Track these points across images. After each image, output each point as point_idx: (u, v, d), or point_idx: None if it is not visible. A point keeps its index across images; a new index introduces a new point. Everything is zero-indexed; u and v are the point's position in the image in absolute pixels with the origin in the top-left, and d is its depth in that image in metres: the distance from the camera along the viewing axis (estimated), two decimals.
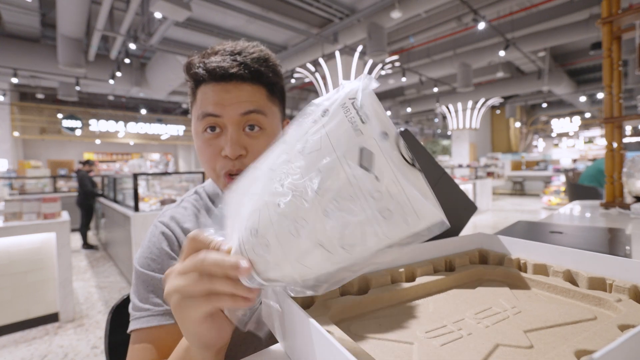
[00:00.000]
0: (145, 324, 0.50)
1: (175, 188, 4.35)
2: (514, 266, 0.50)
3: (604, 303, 0.38)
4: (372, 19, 5.37)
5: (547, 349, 0.30)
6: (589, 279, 0.41)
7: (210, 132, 0.52)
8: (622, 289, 0.39)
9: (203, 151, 0.54)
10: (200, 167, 14.19)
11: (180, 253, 0.36)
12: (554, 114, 15.33)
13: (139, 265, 0.54)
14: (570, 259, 0.46)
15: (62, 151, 12.27)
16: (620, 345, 0.20)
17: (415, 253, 0.50)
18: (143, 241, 0.57)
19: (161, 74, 7.79)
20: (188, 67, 0.54)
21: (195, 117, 0.53)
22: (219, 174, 0.54)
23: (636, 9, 1.23)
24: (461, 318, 0.36)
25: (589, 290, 0.40)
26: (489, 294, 0.43)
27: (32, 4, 5.60)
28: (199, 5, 5.12)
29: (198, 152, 0.55)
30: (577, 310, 0.37)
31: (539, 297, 0.42)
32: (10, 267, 2.29)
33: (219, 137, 0.53)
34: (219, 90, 0.51)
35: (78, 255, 4.47)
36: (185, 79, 0.56)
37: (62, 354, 2.06)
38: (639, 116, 1.35)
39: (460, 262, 0.51)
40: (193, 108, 0.55)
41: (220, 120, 0.52)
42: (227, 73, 0.51)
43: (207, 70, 0.51)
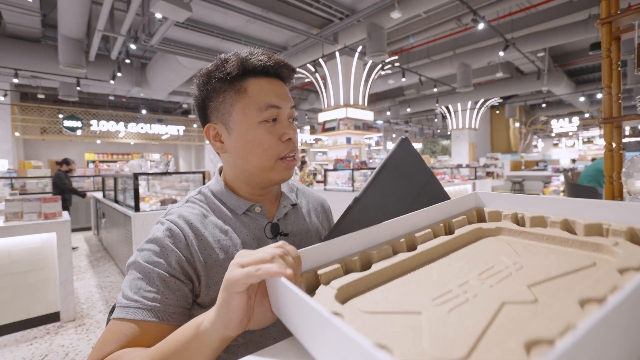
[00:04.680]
0: (130, 315, 0.50)
1: (176, 188, 4.35)
2: (512, 221, 0.50)
3: (602, 248, 0.39)
4: (372, 20, 5.38)
5: (552, 301, 0.31)
6: (586, 226, 0.42)
7: (271, 122, 0.58)
8: (619, 232, 0.39)
9: (262, 139, 0.57)
10: (199, 167, 14.20)
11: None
12: (553, 114, 15.34)
13: (141, 258, 0.54)
14: (567, 207, 0.46)
15: (63, 151, 12.26)
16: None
17: (413, 220, 0.50)
18: (147, 237, 0.57)
19: (161, 74, 7.79)
20: (241, 60, 0.56)
21: (253, 109, 0.56)
22: (277, 157, 0.58)
23: (635, 9, 1.24)
24: (465, 281, 0.37)
25: (586, 237, 0.41)
26: (490, 253, 0.43)
27: (33, 5, 5.61)
28: (199, 6, 5.13)
29: (252, 141, 0.57)
30: (577, 259, 0.38)
31: (538, 249, 0.42)
32: (11, 267, 2.30)
33: (276, 126, 0.58)
34: (275, 85, 0.58)
35: (79, 255, 4.47)
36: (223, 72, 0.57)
37: (63, 354, 2.06)
38: (638, 116, 1.35)
39: (459, 223, 0.51)
40: (237, 100, 0.57)
41: (279, 112, 0.58)
42: (280, 70, 0.59)
43: (267, 66, 0.57)
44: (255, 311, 0.40)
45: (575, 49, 9.51)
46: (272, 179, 0.60)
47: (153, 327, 0.50)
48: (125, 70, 7.91)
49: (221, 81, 0.57)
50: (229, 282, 0.38)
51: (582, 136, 18.02)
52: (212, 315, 0.40)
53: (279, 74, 0.60)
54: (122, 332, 0.49)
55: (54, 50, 6.83)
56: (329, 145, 7.64)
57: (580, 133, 17.41)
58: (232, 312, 0.38)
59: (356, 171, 5.29)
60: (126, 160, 11.77)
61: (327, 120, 7.48)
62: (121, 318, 0.50)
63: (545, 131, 16.80)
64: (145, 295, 0.51)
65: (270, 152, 0.57)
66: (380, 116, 14.04)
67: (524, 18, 6.70)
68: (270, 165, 0.58)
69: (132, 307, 0.51)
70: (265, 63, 0.57)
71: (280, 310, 0.37)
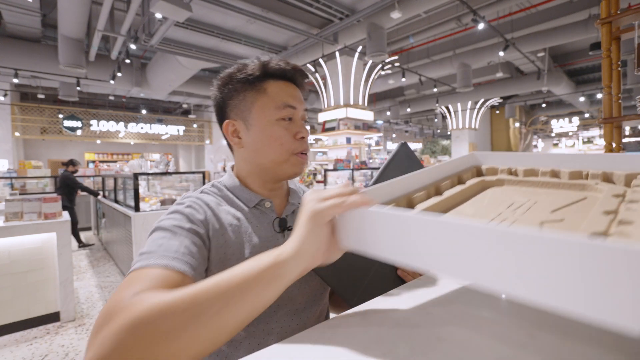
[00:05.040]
0: (155, 261, 0.45)
1: (176, 188, 4.35)
2: (508, 174, 0.58)
3: (587, 187, 0.48)
4: (372, 20, 5.38)
5: (577, 218, 0.38)
6: (570, 173, 0.51)
7: (287, 120, 0.63)
8: (596, 175, 0.49)
9: (279, 134, 0.62)
10: (199, 167, 14.21)
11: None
12: (553, 114, 15.34)
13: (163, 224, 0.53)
14: (552, 161, 0.55)
15: (63, 151, 12.26)
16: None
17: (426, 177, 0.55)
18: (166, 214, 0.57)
19: (161, 74, 7.79)
20: (262, 63, 0.63)
21: (271, 107, 0.62)
22: (292, 153, 0.64)
23: (635, 9, 1.24)
24: (499, 212, 0.42)
25: (573, 180, 0.50)
26: (503, 196, 0.50)
27: (33, 5, 5.61)
28: (200, 6, 5.13)
29: (270, 136, 0.62)
30: (573, 195, 0.47)
31: (538, 192, 0.50)
32: (11, 267, 2.30)
33: (291, 124, 0.64)
34: (291, 88, 0.65)
35: (78, 255, 4.47)
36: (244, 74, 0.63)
37: (63, 354, 2.06)
38: (638, 116, 1.36)
39: (467, 177, 0.59)
40: (257, 99, 0.63)
41: (294, 112, 0.64)
42: (296, 75, 0.66)
43: (285, 70, 0.64)
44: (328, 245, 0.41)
45: (575, 49, 9.51)
46: (286, 172, 0.65)
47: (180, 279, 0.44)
48: (125, 70, 7.90)
49: (242, 82, 0.63)
50: (315, 213, 0.39)
51: (582, 136, 18.02)
52: (295, 245, 0.39)
53: (294, 79, 0.66)
54: (148, 275, 0.42)
55: (54, 50, 6.83)
56: (329, 145, 7.64)
57: (580, 133, 17.42)
58: (320, 242, 0.39)
59: (356, 171, 5.29)
60: (126, 160, 11.78)
61: (327, 120, 7.49)
62: (143, 266, 0.44)
63: (545, 131, 16.80)
64: (170, 246, 0.48)
65: (285, 147, 0.63)
66: (380, 116, 14.04)
67: (524, 18, 6.70)
68: (284, 159, 0.63)
69: (157, 254, 0.46)
70: (284, 67, 0.64)
71: (363, 240, 0.37)
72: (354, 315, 0.40)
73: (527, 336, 0.33)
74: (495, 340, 0.32)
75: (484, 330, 0.35)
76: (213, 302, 0.34)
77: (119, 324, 0.32)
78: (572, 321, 0.36)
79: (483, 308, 0.40)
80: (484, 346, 0.31)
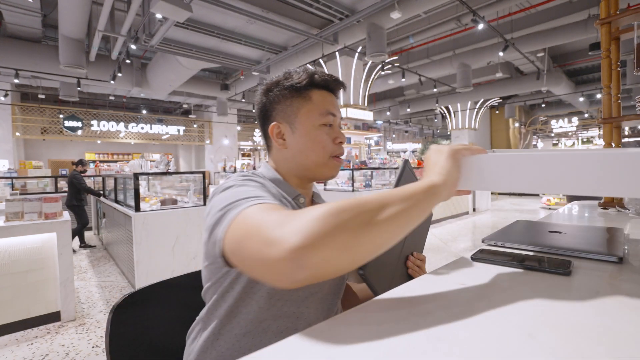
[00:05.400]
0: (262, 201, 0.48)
1: (176, 188, 4.36)
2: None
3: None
4: (371, 20, 5.38)
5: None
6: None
7: (328, 126, 0.69)
8: None
9: (320, 138, 0.68)
10: (200, 167, 14.21)
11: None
12: (553, 114, 15.34)
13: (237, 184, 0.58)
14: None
15: (63, 151, 12.26)
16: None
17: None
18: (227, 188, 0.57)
19: (162, 74, 7.80)
20: (309, 74, 0.69)
21: (316, 113, 0.68)
22: (330, 155, 0.69)
23: (634, 9, 1.24)
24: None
25: None
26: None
27: (34, 5, 5.61)
28: (200, 6, 5.13)
29: (314, 140, 0.68)
30: None
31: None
32: (11, 267, 2.30)
33: (331, 130, 0.70)
34: (332, 97, 0.71)
35: (79, 255, 4.47)
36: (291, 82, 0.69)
37: (64, 353, 2.06)
38: (637, 116, 1.36)
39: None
40: (303, 105, 0.69)
41: (334, 119, 0.70)
42: (337, 87, 0.73)
43: (328, 81, 0.70)
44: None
45: (575, 49, 9.52)
46: (324, 173, 0.71)
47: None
48: (125, 70, 7.91)
49: (289, 89, 0.69)
50: (455, 152, 0.52)
51: (581, 136, 18.03)
52: (443, 175, 0.49)
53: (335, 90, 0.73)
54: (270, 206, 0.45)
55: (55, 51, 6.83)
56: None
57: (579, 133, 17.42)
58: (458, 175, 0.51)
59: (356, 171, 5.29)
60: (126, 160, 11.77)
61: None
62: (249, 205, 0.46)
63: (545, 131, 16.81)
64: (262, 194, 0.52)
65: (326, 150, 0.69)
66: (380, 116, 14.04)
67: (524, 18, 6.70)
68: (324, 162, 0.69)
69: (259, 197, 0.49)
70: (328, 79, 0.70)
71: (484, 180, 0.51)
72: (354, 314, 0.40)
73: (527, 336, 0.33)
74: (495, 340, 0.33)
75: (483, 330, 0.35)
76: (398, 204, 0.41)
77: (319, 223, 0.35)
78: (572, 321, 0.36)
79: (483, 308, 0.40)
80: (483, 346, 0.31)
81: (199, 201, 3.45)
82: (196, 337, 0.64)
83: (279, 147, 0.70)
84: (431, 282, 0.51)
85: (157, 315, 0.75)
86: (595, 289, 0.45)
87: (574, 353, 0.29)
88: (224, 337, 0.60)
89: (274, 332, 0.60)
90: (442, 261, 3.85)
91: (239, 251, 0.43)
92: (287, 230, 0.36)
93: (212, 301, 0.61)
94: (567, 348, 0.30)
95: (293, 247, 0.34)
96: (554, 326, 0.35)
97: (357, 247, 0.37)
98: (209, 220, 0.53)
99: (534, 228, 0.88)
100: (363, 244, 0.37)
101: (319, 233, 0.34)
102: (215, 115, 11.80)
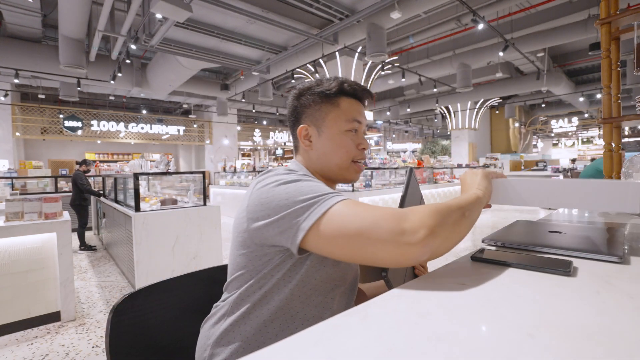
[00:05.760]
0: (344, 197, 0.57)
1: (176, 188, 4.36)
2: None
3: None
4: (371, 20, 5.38)
5: None
6: None
7: (353, 132, 0.74)
8: None
9: (345, 143, 0.73)
10: (199, 167, 14.21)
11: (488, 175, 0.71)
12: (553, 114, 15.34)
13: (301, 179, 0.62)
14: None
15: (64, 151, 12.27)
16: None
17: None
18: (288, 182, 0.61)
19: (162, 74, 7.80)
20: (340, 82, 0.74)
21: (343, 119, 0.73)
22: (352, 160, 0.74)
23: (634, 9, 1.24)
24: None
25: None
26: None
27: (34, 5, 5.61)
28: (200, 6, 5.13)
29: (338, 144, 0.73)
30: None
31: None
32: (11, 267, 2.30)
33: (355, 136, 0.74)
34: (359, 106, 0.76)
35: (79, 255, 4.47)
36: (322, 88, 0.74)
37: (64, 353, 2.06)
38: (637, 116, 1.36)
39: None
40: (331, 111, 0.73)
41: (360, 126, 0.75)
42: (364, 95, 0.77)
43: (356, 90, 0.75)
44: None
45: (575, 49, 9.52)
46: (345, 177, 0.75)
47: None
48: (125, 70, 7.91)
49: (320, 94, 0.73)
50: (487, 173, 0.69)
51: (581, 136, 18.03)
52: (482, 191, 0.64)
53: (362, 99, 0.77)
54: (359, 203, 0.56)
55: (55, 51, 6.83)
56: None
57: (579, 133, 17.42)
58: (491, 190, 0.67)
59: None
60: (126, 160, 11.77)
61: None
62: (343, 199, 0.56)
63: (545, 131, 16.80)
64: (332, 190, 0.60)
65: (349, 155, 0.73)
66: (380, 116, 14.04)
67: (524, 18, 6.70)
68: (346, 166, 0.74)
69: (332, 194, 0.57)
70: (356, 88, 0.75)
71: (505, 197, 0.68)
72: (354, 314, 0.40)
73: (527, 336, 0.33)
74: (495, 340, 0.33)
75: (483, 330, 0.35)
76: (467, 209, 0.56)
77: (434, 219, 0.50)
78: (572, 321, 0.36)
79: (483, 308, 0.40)
80: (483, 346, 0.31)
81: (199, 201, 3.44)
82: (219, 321, 0.65)
83: (306, 148, 0.75)
84: (431, 282, 0.51)
85: (157, 315, 0.75)
86: (595, 289, 0.45)
87: (574, 353, 0.29)
88: (251, 322, 0.62)
89: (301, 319, 0.63)
90: (442, 261, 3.85)
91: (339, 238, 0.52)
92: (413, 224, 0.49)
93: (246, 286, 0.63)
94: (567, 348, 0.30)
95: (423, 236, 0.48)
96: (554, 326, 0.35)
97: (453, 237, 0.52)
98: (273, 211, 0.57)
99: (534, 228, 0.88)
100: (456, 235, 0.53)
101: (435, 227, 0.49)
102: (215, 115, 11.80)
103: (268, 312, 0.62)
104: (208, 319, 0.69)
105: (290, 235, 0.55)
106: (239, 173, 7.96)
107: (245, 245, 0.62)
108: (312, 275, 0.63)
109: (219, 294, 0.71)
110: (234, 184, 7.99)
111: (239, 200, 7.35)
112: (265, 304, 0.62)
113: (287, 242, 0.56)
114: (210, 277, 0.85)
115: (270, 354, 0.32)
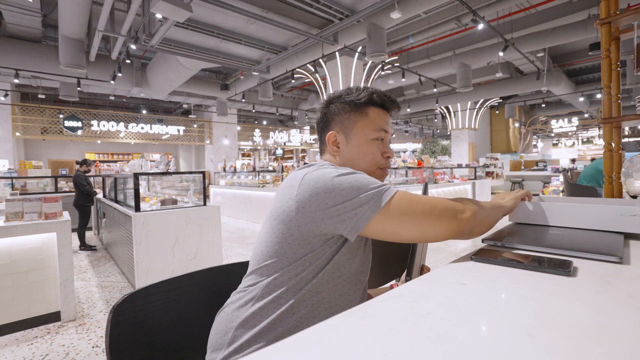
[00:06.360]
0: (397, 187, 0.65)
1: (176, 188, 4.35)
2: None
3: None
4: (371, 20, 5.38)
5: None
6: None
7: (380, 141, 0.78)
8: None
9: (371, 150, 0.78)
10: (200, 167, 14.21)
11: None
12: (553, 114, 15.34)
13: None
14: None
15: (64, 151, 12.27)
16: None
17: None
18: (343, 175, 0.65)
19: (162, 74, 7.79)
20: (369, 93, 0.79)
21: (370, 128, 0.78)
22: (377, 167, 0.79)
23: (634, 9, 1.24)
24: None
25: None
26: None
27: (34, 5, 5.61)
28: (200, 6, 5.13)
29: (365, 151, 0.78)
30: None
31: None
32: (11, 267, 2.30)
33: (381, 144, 0.79)
34: (386, 115, 0.80)
35: (79, 255, 4.47)
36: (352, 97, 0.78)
37: (64, 353, 2.06)
38: (637, 116, 1.36)
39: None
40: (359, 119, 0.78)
41: (386, 135, 0.79)
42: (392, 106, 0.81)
43: (385, 100, 0.79)
44: None
45: (575, 49, 9.52)
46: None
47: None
48: (125, 70, 7.91)
49: (350, 103, 0.78)
50: (515, 194, 0.84)
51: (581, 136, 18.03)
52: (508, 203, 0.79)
53: (390, 109, 0.81)
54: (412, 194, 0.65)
55: (55, 51, 6.83)
56: None
57: (579, 133, 17.42)
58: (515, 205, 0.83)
59: None
60: (126, 160, 11.77)
61: None
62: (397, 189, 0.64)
63: (545, 131, 16.80)
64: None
65: (374, 162, 0.78)
66: None
67: (524, 18, 6.70)
68: (371, 171, 0.77)
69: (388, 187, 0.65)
70: (385, 99, 0.79)
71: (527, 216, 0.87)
72: (354, 314, 0.40)
73: (527, 336, 0.33)
74: (495, 340, 0.33)
75: (484, 330, 0.35)
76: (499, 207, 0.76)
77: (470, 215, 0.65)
78: (572, 321, 0.36)
79: (483, 308, 0.40)
80: (483, 346, 0.31)
81: (199, 201, 3.44)
82: (245, 304, 0.67)
83: (333, 154, 0.79)
84: (431, 282, 0.51)
85: (157, 315, 0.75)
86: (595, 289, 0.45)
87: (574, 353, 0.29)
88: (280, 306, 0.64)
89: (326, 307, 0.66)
90: (442, 261, 3.85)
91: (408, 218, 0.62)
92: (462, 207, 0.65)
93: (282, 272, 0.65)
94: (567, 348, 0.30)
95: (469, 215, 0.64)
96: (554, 326, 0.35)
97: (487, 222, 0.69)
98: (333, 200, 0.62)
99: (534, 228, 0.88)
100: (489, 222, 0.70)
101: (476, 213, 0.66)
102: (215, 115, 11.79)
103: (299, 297, 0.64)
104: (228, 305, 0.70)
105: (352, 221, 0.61)
106: (239, 173, 7.97)
107: (287, 233, 0.65)
108: (344, 264, 0.67)
109: (219, 293, 0.71)
110: (234, 184, 7.99)
111: (240, 200, 7.36)
112: (298, 290, 0.65)
113: (346, 229, 0.62)
114: (210, 277, 0.85)
115: (271, 354, 0.32)
